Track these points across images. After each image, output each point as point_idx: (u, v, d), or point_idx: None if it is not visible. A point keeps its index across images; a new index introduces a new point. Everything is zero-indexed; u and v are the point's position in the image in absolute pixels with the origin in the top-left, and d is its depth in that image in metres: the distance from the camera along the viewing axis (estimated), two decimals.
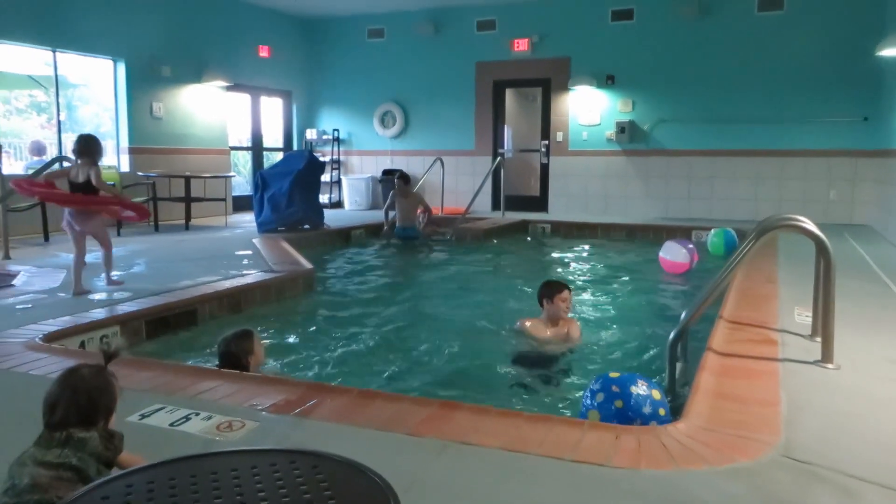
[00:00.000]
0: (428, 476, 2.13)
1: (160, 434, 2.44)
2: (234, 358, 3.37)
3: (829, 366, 3.20)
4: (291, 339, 4.71)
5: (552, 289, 4.49)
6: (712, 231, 8.30)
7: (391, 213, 9.63)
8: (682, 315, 3.39)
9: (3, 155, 8.15)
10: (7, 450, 2.34)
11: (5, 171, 6.85)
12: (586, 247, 9.40)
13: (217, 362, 3.46)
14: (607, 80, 11.62)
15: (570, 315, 4.62)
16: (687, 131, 11.27)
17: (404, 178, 9.56)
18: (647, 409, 2.72)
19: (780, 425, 2.50)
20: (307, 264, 6.38)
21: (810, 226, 3.31)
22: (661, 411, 2.76)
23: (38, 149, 9.87)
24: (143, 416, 2.58)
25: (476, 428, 2.48)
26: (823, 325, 3.29)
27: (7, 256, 6.59)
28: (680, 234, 9.11)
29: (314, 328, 5.04)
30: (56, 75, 9.35)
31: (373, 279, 7.14)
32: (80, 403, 1.82)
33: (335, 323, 5.17)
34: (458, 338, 4.66)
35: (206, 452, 1.51)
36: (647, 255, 8.82)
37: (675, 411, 2.81)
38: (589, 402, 2.83)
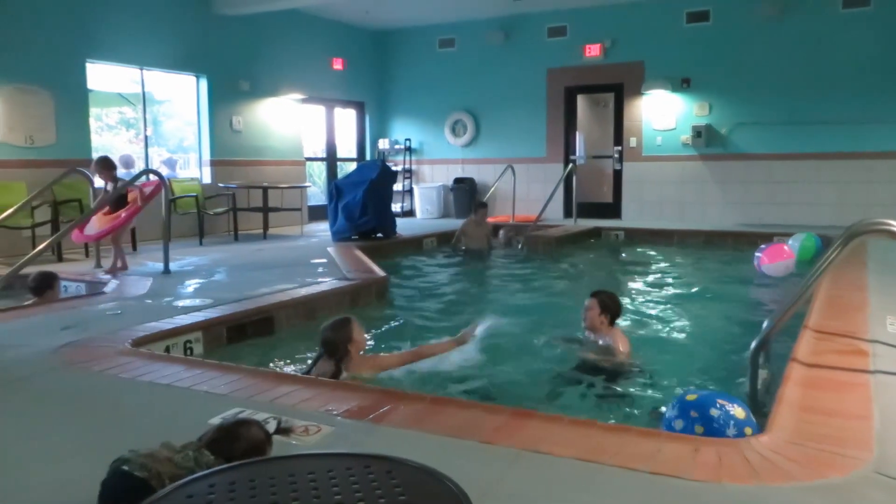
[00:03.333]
0: (501, 485, 2.12)
1: None
2: (335, 345, 3.46)
3: None
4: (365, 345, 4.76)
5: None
6: (801, 235, 7.96)
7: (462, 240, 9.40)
8: (765, 324, 3.27)
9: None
10: (99, 446, 2.46)
11: (97, 185, 7.25)
12: (661, 254, 9.19)
13: (316, 354, 3.54)
14: (682, 84, 11.36)
15: (616, 324, 4.34)
16: (767, 134, 10.89)
17: (483, 206, 9.51)
18: (731, 431, 2.53)
19: (873, 440, 2.37)
20: (380, 272, 6.46)
21: None
22: (748, 430, 2.55)
23: (127, 162, 10.35)
24: (224, 420, 2.66)
25: (549, 437, 2.45)
26: None
27: (98, 265, 6.93)
28: (761, 240, 8.80)
29: (387, 334, 5.09)
30: (143, 92, 9.81)
31: (444, 286, 7.18)
32: (232, 449, 2.00)
33: (407, 329, 5.21)
34: (526, 346, 4.62)
35: (285, 455, 1.54)
36: (726, 262, 8.56)
37: (758, 424, 2.70)
38: (669, 429, 2.67)
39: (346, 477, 1.38)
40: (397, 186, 12.02)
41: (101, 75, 9.43)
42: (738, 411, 2.61)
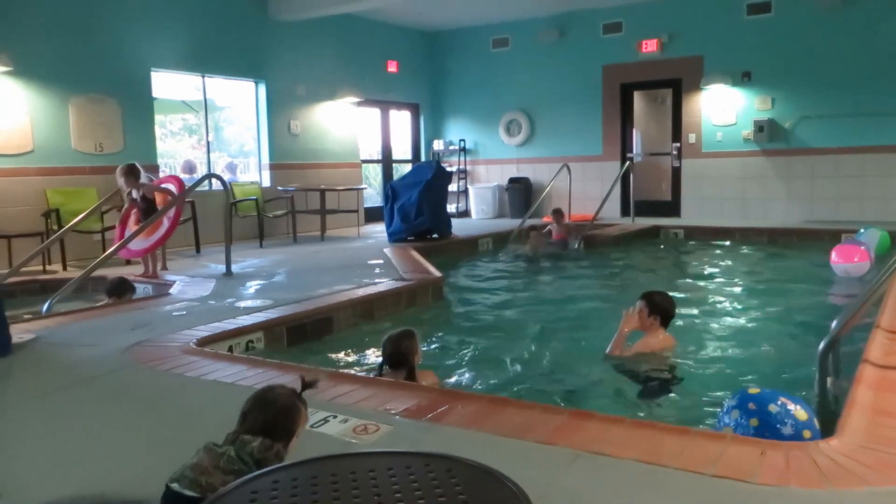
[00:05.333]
0: (560, 486, 2.10)
1: (302, 435, 2.55)
2: (403, 357, 3.45)
3: None
4: (422, 346, 4.78)
5: None
6: (874, 231, 7.64)
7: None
8: (834, 324, 3.16)
9: (160, 174, 8.88)
10: (167, 442, 2.55)
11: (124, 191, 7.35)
12: (723, 252, 8.97)
13: (382, 363, 3.53)
14: (743, 78, 11.06)
15: (668, 326, 4.23)
16: (833, 128, 10.51)
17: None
18: (786, 430, 2.47)
19: None
20: (436, 272, 6.49)
21: None
22: (807, 433, 2.48)
23: (190, 167, 10.67)
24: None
25: (609, 438, 2.42)
26: None
27: (164, 267, 7.15)
28: (828, 237, 8.51)
29: (443, 335, 5.11)
30: (205, 99, 10.08)
31: (500, 287, 7.16)
32: (266, 419, 1.98)
33: (464, 330, 5.22)
34: (584, 346, 4.57)
35: (346, 453, 1.56)
36: (792, 260, 8.31)
37: (827, 427, 2.61)
38: (724, 418, 2.64)
39: (406, 475, 1.39)
40: (452, 187, 12.04)
41: (165, 83, 9.74)
42: (799, 412, 2.54)
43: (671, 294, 4.46)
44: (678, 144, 11.85)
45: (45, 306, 5.06)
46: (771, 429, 2.48)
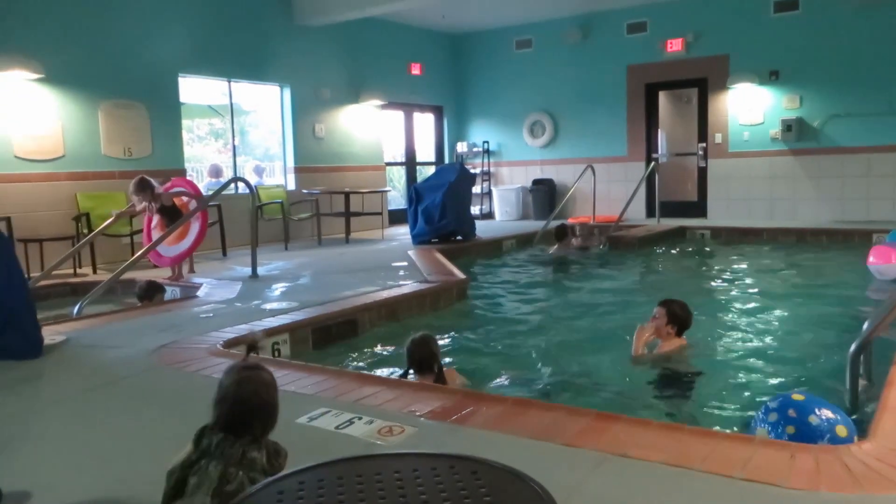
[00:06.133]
0: (586, 489, 2.09)
1: (327, 436, 2.57)
2: (430, 360, 3.47)
3: None
4: (446, 348, 4.79)
5: None
6: None
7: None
8: (865, 326, 3.10)
9: (188, 178, 8.98)
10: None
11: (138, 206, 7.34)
12: (750, 252, 8.85)
13: (407, 368, 3.53)
14: (770, 76, 10.92)
15: (677, 335, 4.18)
16: (864, 126, 10.33)
17: (564, 234, 9.13)
18: (823, 444, 2.40)
19: None
20: (460, 274, 6.49)
21: None
22: None
23: (216, 171, 10.78)
24: (311, 419, 2.73)
25: (635, 441, 2.40)
26: None
27: (192, 270, 7.24)
28: (858, 237, 8.37)
29: (468, 336, 5.10)
30: (231, 103, 10.19)
31: (524, 289, 7.14)
32: (265, 427, 1.88)
33: (488, 332, 5.21)
34: (608, 349, 4.54)
35: (372, 454, 1.57)
36: (822, 260, 8.18)
37: (859, 431, 2.56)
38: (761, 419, 2.60)
39: (432, 476, 1.39)
40: (476, 189, 12.04)
41: (192, 88, 9.86)
42: (840, 429, 2.46)
43: (697, 295, 4.43)
44: (704, 144, 11.73)
45: (76, 309, 5.14)
46: (806, 439, 2.41)
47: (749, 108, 11.18)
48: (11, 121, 7.62)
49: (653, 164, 11.15)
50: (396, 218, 12.48)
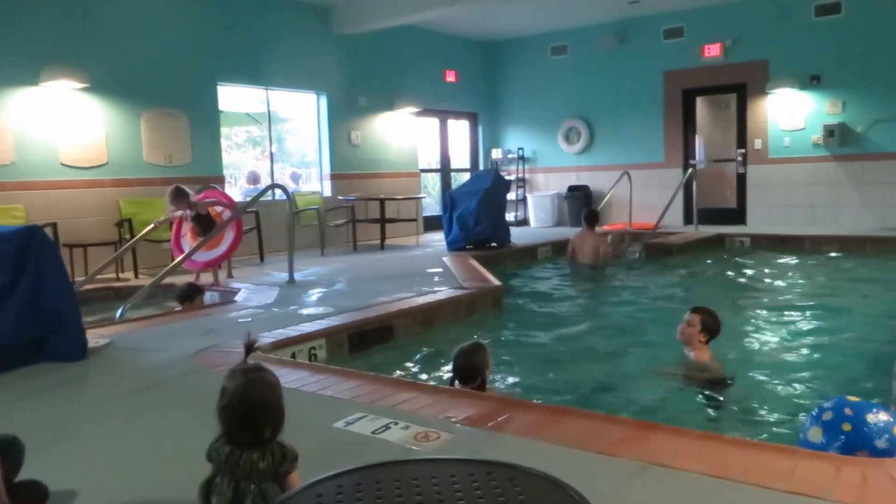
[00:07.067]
0: (624, 498, 2.06)
1: (363, 440, 2.58)
2: (477, 370, 3.39)
3: None
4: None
5: None
6: None
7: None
8: None
9: (226, 185, 9.13)
10: None
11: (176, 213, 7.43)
12: (791, 261, 8.68)
13: (453, 377, 3.47)
14: (812, 81, 10.72)
15: (706, 345, 4.10)
16: None
17: (590, 218, 8.88)
18: (881, 444, 2.33)
19: None
20: (495, 281, 6.47)
21: None
22: None
23: (254, 178, 10.94)
24: (347, 423, 2.75)
25: (674, 450, 2.37)
26: None
27: (230, 276, 7.35)
28: None
29: (503, 343, 5.09)
30: (269, 111, 10.34)
31: (560, 296, 7.10)
32: (274, 433, 1.84)
33: (523, 338, 5.19)
34: (645, 357, 4.49)
35: (409, 459, 1.57)
36: (867, 268, 7.99)
37: None
38: (815, 418, 2.52)
39: (469, 482, 1.39)
40: (511, 196, 12.00)
41: (231, 97, 10.03)
42: None
43: (736, 302, 4.36)
44: (743, 150, 11.55)
45: (119, 312, 5.25)
46: (863, 437, 2.35)
47: (790, 113, 10.99)
48: (58, 129, 7.84)
49: (690, 170, 11.00)
50: (431, 224, 12.51)
